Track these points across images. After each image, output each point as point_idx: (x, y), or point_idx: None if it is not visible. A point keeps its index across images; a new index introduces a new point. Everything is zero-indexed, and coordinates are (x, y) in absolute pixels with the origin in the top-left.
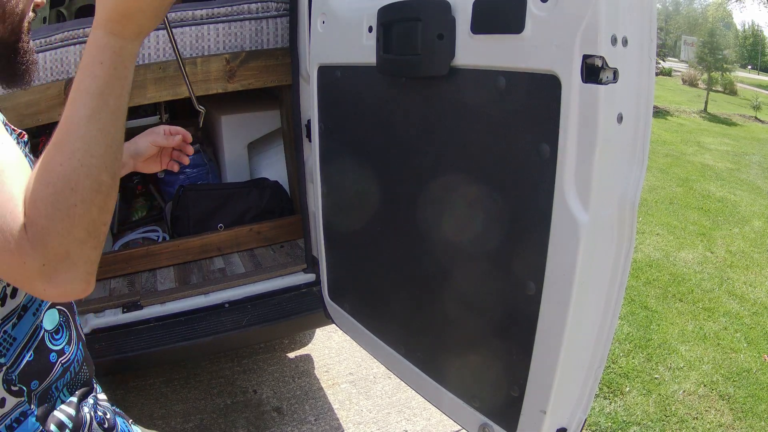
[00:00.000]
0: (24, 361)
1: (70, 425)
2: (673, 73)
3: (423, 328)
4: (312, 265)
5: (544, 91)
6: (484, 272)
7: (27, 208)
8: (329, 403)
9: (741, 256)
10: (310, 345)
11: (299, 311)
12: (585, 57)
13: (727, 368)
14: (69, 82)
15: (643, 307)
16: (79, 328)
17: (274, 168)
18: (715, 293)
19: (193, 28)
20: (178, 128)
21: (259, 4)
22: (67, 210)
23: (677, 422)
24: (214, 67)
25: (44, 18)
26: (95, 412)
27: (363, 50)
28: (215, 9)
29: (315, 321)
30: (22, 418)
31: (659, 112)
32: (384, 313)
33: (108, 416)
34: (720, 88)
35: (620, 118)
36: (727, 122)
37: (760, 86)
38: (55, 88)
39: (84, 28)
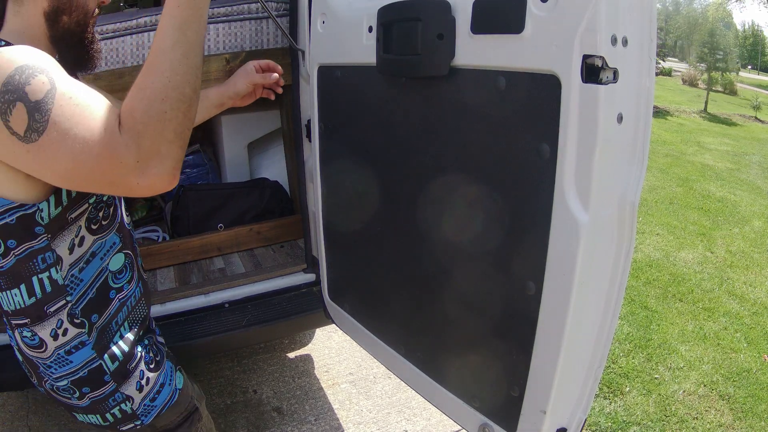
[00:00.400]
0: (87, 298)
1: (121, 358)
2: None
3: (423, 328)
4: (312, 265)
5: (544, 91)
6: (484, 272)
7: (123, 118)
8: (329, 403)
9: (741, 256)
10: (310, 345)
11: (299, 311)
12: (585, 57)
13: (727, 368)
14: None
15: (643, 307)
16: (140, 268)
17: (274, 168)
18: (715, 293)
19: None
20: (268, 62)
21: (259, 4)
22: (159, 116)
23: (677, 422)
24: (214, 67)
25: None
26: (148, 352)
27: (363, 50)
28: (215, 9)
29: (315, 321)
30: (80, 346)
31: (659, 112)
32: (384, 313)
33: (158, 358)
34: (720, 88)
35: (620, 118)
36: (727, 122)
37: (760, 86)
38: None
39: None
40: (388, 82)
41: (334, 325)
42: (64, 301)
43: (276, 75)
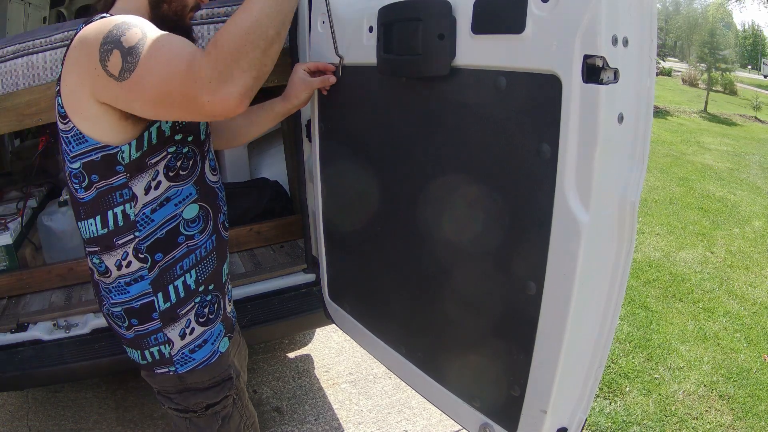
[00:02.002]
0: (154, 237)
1: (173, 300)
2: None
3: (423, 328)
4: (312, 265)
5: (544, 91)
6: (485, 272)
7: (208, 45)
8: (329, 403)
9: (741, 256)
10: (310, 345)
11: (299, 311)
12: (586, 57)
13: (727, 368)
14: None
15: (643, 307)
16: (221, 226)
17: (274, 168)
18: (715, 293)
19: (193, 28)
20: (317, 64)
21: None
22: (238, 47)
23: (677, 422)
24: None
25: (44, 18)
26: (203, 306)
27: (363, 50)
28: (215, 9)
29: (315, 321)
30: (139, 279)
31: (659, 112)
32: (384, 313)
33: (211, 316)
34: (720, 88)
35: (621, 118)
36: (727, 122)
37: (760, 86)
38: (55, 88)
39: None
40: (389, 82)
41: (334, 325)
42: (132, 236)
43: (333, 77)
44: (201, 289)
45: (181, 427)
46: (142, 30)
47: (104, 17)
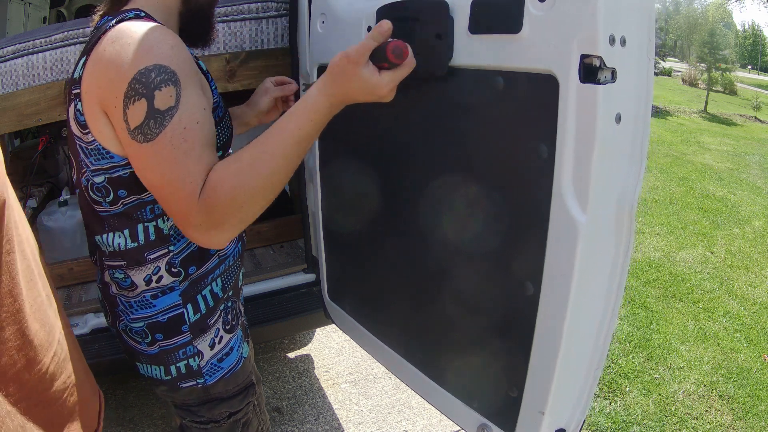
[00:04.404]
0: (189, 251)
1: (203, 311)
2: (673, 73)
3: (422, 329)
4: (312, 265)
5: (542, 91)
6: (483, 273)
7: (207, 187)
8: (329, 403)
9: (741, 256)
10: (310, 345)
11: (299, 311)
12: (583, 57)
13: (727, 368)
14: (69, 81)
15: (643, 307)
16: (243, 232)
17: None
18: (715, 293)
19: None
20: (283, 78)
21: (259, 4)
22: (237, 206)
23: (677, 422)
24: (214, 66)
25: (44, 18)
26: (228, 313)
27: None
28: (215, 9)
29: (315, 321)
30: (169, 291)
31: (659, 112)
32: (384, 313)
33: (234, 322)
34: (720, 88)
35: (618, 118)
36: (727, 122)
37: (760, 86)
38: (55, 88)
39: (84, 28)
40: None
41: (334, 325)
42: (166, 250)
43: (293, 85)
44: (227, 296)
45: None
46: (177, 94)
47: (139, 15)
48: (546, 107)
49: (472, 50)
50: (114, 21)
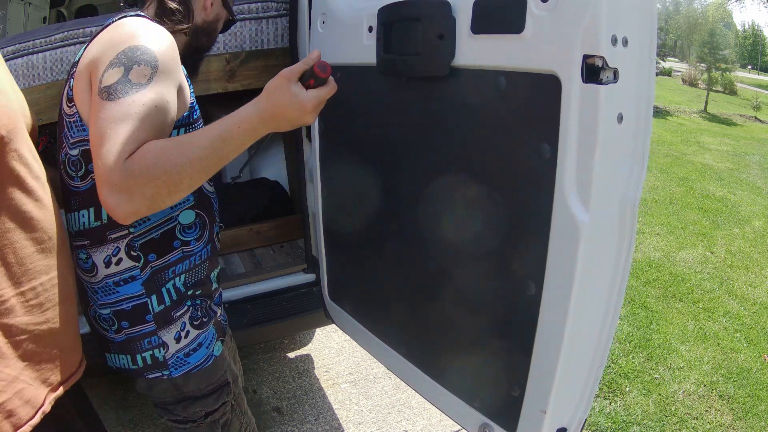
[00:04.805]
0: (149, 237)
1: (167, 303)
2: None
3: (423, 328)
4: (312, 265)
5: (544, 91)
6: (485, 272)
7: (136, 153)
8: (329, 403)
9: (741, 256)
10: (310, 345)
11: (299, 311)
12: (585, 57)
13: (727, 368)
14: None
15: (643, 307)
16: (215, 236)
17: (274, 168)
18: (715, 293)
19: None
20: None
21: (259, 4)
22: (151, 178)
23: (677, 422)
24: (214, 66)
25: (44, 18)
26: (196, 310)
27: (363, 50)
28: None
29: (315, 321)
30: (130, 280)
31: (659, 112)
32: (384, 313)
33: (204, 319)
34: (720, 88)
35: (620, 118)
36: (727, 122)
37: (760, 86)
38: (55, 88)
39: (84, 28)
40: (388, 82)
41: (334, 325)
42: (126, 231)
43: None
44: (190, 293)
45: None
46: (150, 75)
47: (139, 15)
48: (548, 107)
49: (475, 50)
50: (118, 17)
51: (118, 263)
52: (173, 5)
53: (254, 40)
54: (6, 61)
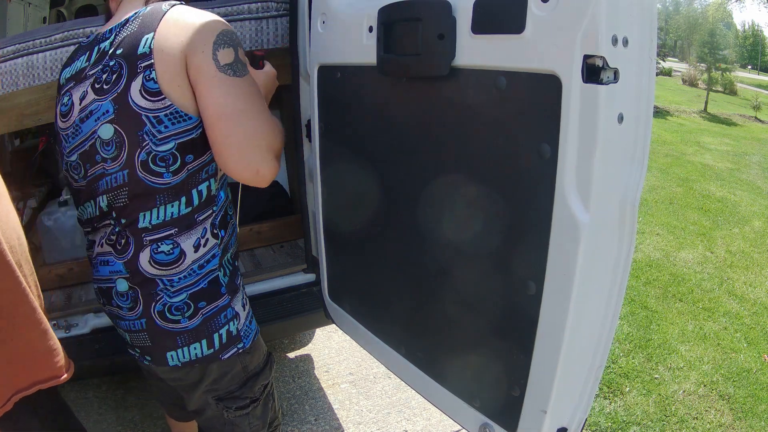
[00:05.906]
0: (221, 214)
1: (230, 273)
2: (673, 73)
3: (423, 328)
4: (312, 265)
5: (544, 91)
6: (485, 272)
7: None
8: (329, 403)
9: (741, 256)
10: (310, 345)
11: (299, 311)
12: (586, 57)
13: (727, 368)
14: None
15: (643, 307)
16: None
17: None
18: (715, 293)
19: None
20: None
21: (259, 4)
22: (282, 142)
23: (677, 422)
24: None
25: (44, 18)
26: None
27: (363, 50)
28: (215, 9)
29: (315, 321)
30: (212, 258)
31: (659, 112)
32: (384, 313)
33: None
34: (720, 88)
35: (621, 118)
36: (727, 122)
37: (760, 86)
38: (55, 88)
39: (84, 28)
40: (389, 82)
41: (334, 325)
42: (210, 211)
43: None
44: (236, 263)
45: (243, 427)
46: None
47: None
48: (549, 107)
49: (475, 50)
50: (167, 5)
51: (206, 244)
52: None
53: (254, 40)
54: (6, 61)
